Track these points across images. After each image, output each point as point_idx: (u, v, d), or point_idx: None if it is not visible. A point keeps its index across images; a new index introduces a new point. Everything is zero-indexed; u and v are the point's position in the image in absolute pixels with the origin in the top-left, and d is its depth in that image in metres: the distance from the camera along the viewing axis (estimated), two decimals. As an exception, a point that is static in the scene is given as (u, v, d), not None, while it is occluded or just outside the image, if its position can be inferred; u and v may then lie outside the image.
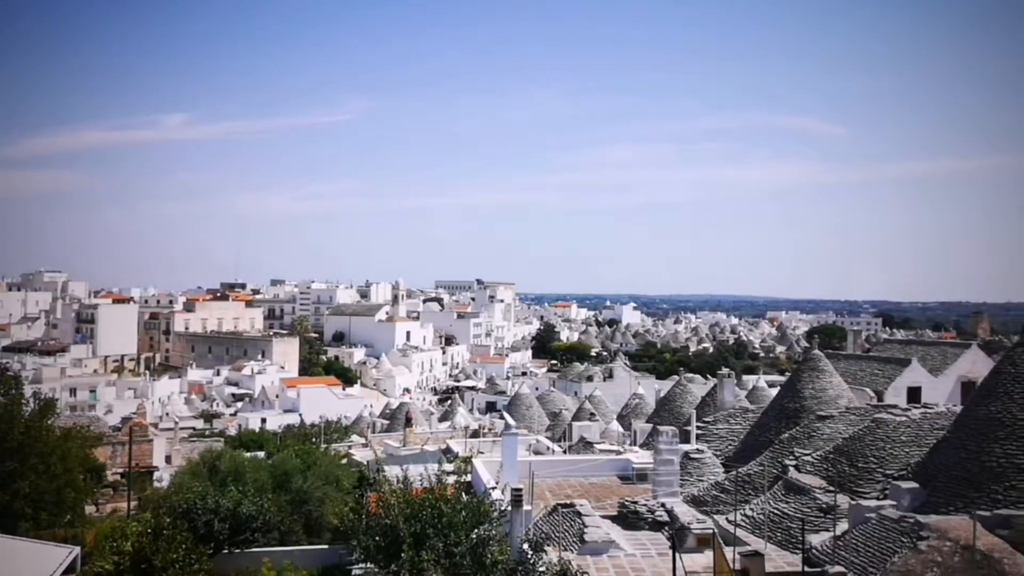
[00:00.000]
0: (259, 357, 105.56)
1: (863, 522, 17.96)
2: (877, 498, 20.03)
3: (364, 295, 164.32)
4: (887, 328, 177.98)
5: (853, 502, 19.39)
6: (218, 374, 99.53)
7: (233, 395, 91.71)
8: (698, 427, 32.84)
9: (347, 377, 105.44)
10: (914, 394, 37.86)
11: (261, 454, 35.42)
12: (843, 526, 18.69)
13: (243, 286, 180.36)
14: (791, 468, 22.98)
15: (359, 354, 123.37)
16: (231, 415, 79.67)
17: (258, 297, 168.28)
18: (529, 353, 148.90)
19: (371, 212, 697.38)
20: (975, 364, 39.99)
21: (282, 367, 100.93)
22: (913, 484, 19.47)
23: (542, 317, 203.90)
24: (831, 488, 20.74)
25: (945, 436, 20.62)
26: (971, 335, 64.16)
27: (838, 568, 16.12)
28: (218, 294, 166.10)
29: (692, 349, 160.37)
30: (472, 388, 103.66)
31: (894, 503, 18.83)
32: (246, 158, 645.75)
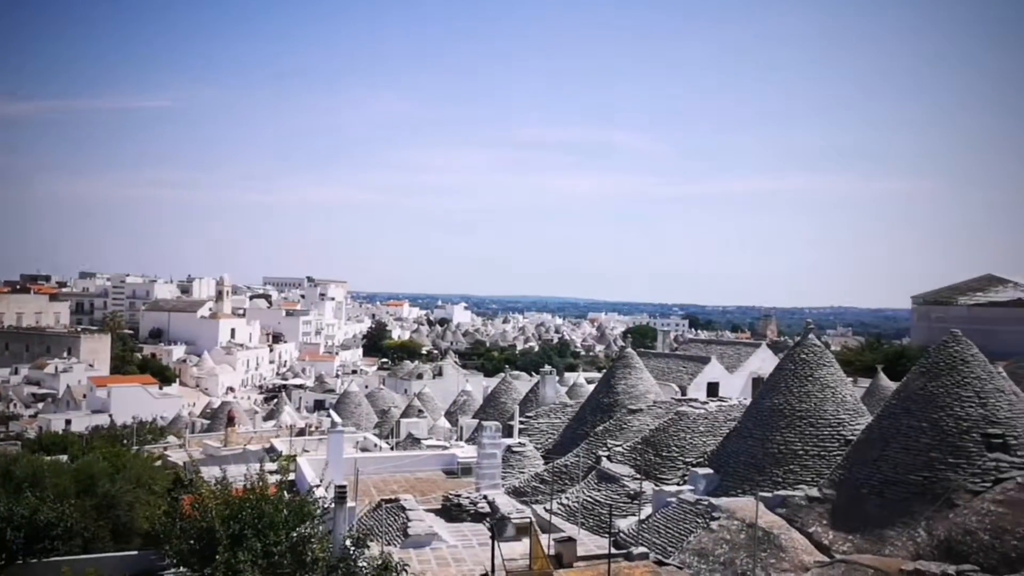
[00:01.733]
0: (65, 355, 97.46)
1: (665, 506, 19.26)
2: (678, 484, 21.51)
3: (185, 291, 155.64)
4: (693, 329, 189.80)
5: (657, 488, 20.72)
6: (16, 372, 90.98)
7: (34, 395, 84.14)
8: (521, 422, 33.75)
9: (164, 376, 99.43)
10: (713, 389, 40.82)
11: (64, 458, 32.80)
12: (648, 510, 19.93)
13: (47, 278, 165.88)
14: (604, 459, 24.18)
15: (178, 352, 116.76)
16: (31, 416, 73.10)
17: (64, 290, 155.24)
18: (360, 351, 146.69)
19: (194, 205, 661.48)
20: (764, 361, 43.66)
21: (91, 365, 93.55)
22: (708, 470, 21.07)
23: (374, 316, 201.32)
24: (638, 476, 22.04)
25: (736, 426, 22.44)
26: (761, 336, 69.87)
27: (641, 549, 17.20)
28: (17, 286, 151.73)
29: (519, 348, 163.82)
30: (300, 386, 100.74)
31: (692, 488, 20.32)
32: (52, 140, 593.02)
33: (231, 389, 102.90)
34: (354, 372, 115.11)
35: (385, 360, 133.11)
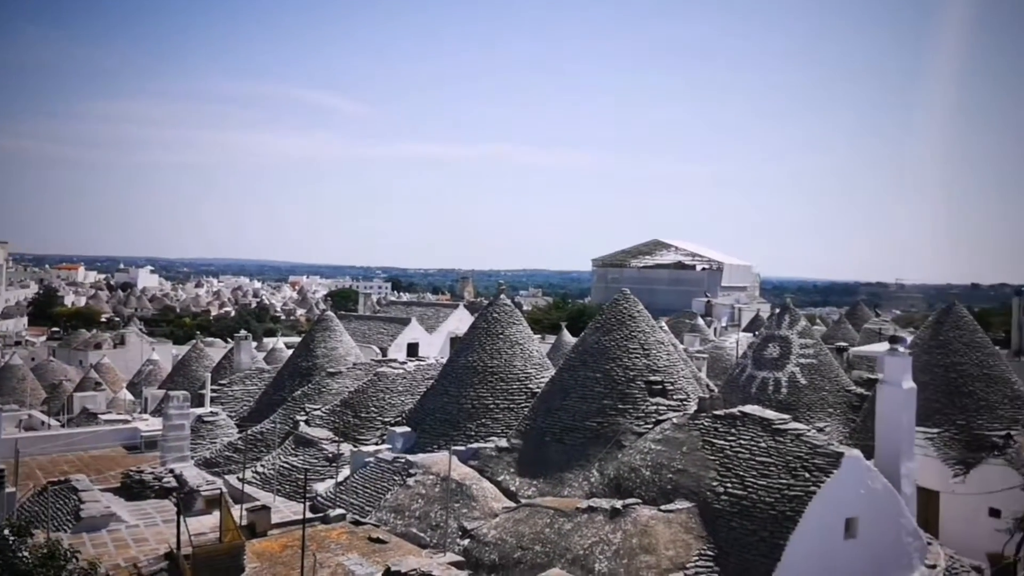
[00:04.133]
0: None
1: (363, 466, 19.22)
2: (377, 444, 21.59)
3: None
4: (395, 292, 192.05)
5: (355, 449, 20.62)
6: None
7: None
8: (213, 390, 31.82)
9: None
10: (413, 349, 41.59)
11: None
12: (347, 472, 19.77)
13: None
14: (302, 423, 23.57)
15: None
16: None
17: None
18: (25, 320, 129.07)
19: None
20: (461, 321, 45.35)
21: None
22: (406, 428, 21.38)
23: (42, 280, 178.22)
24: (336, 438, 21.77)
25: (433, 384, 23.00)
26: (460, 297, 72.65)
27: (339, 510, 17.00)
28: None
29: (213, 313, 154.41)
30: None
31: (390, 447, 20.50)
32: None
33: None
34: (17, 343, 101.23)
35: (56, 329, 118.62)
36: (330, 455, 20.93)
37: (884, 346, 20.13)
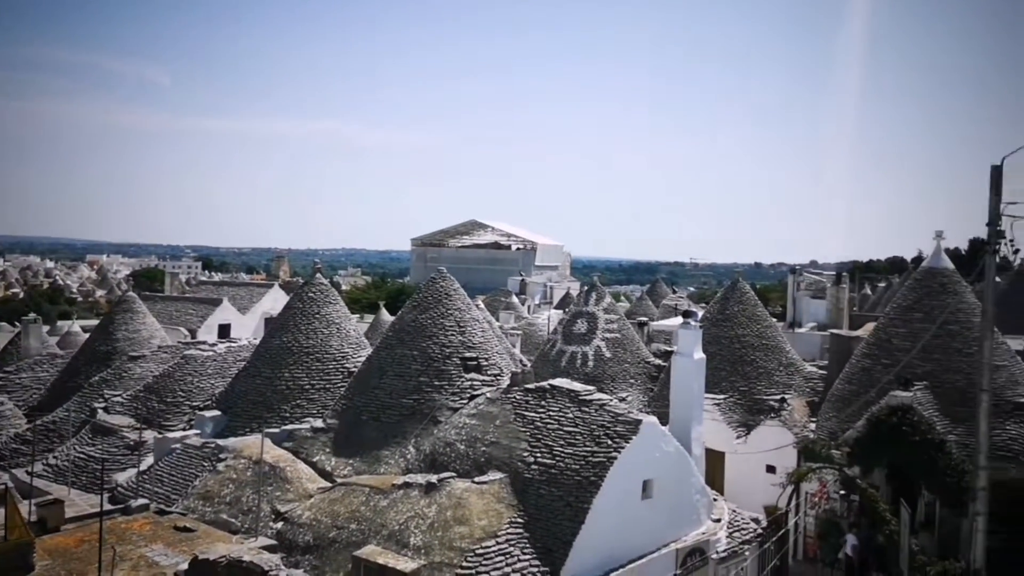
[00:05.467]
0: None
1: (169, 453, 18.16)
2: (184, 429, 20.44)
3: None
4: (206, 271, 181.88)
5: (160, 436, 19.42)
6: None
7: None
8: (-3, 378, 28.79)
9: None
10: (224, 330, 39.64)
11: None
12: (151, 460, 18.59)
13: None
14: (100, 411, 21.88)
15: None
16: None
17: None
18: None
19: None
20: (276, 301, 43.72)
21: None
22: (216, 412, 20.40)
23: None
24: (139, 425, 20.40)
25: (245, 366, 22.07)
26: (275, 277, 70.07)
27: (142, 500, 15.97)
28: None
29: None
30: None
31: (198, 432, 19.48)
32: None
33: None
34: None
35: None
36: (132, 443, 19.58)
37: (679, 320, 21.54)
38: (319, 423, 18.96)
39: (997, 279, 21.51)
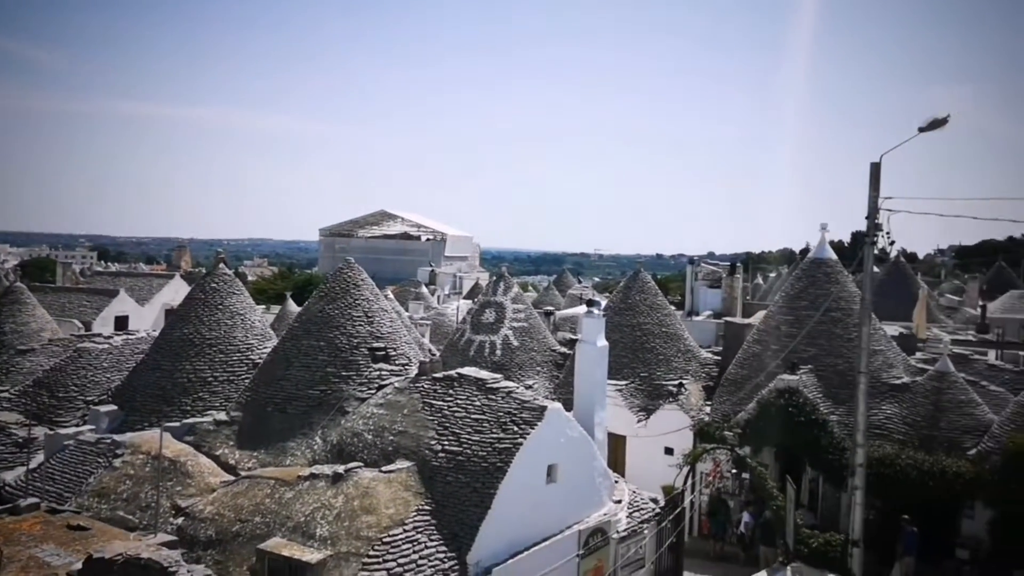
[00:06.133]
0: None
1: (61, 450, 17.28)
2: (78, 425, 19.48)
3: None
4: (103, 261, 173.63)
5: (51, 432, 18.46)
6: None
7: None
8: None
9: None
10: (122, 322, 37.92)
11: None
12: (41, 458, 17.66)
13: None
14: (-15, 407, 20.61)
15: None
16: None
17: None
18: None
19: None
20: (177, 292, 42.14)
21: None
22: (112, 407, 19.53)
23: None
24: (28, 422, 19.32)
25: (143, 359, 21.21)
26: (176, 267, 67.46)
27: (32, 499, 15.15)
28: None
29: None
30: None
31: (93, 427, 18.61)
32: None
33: None
34: None
35: None
36: (20, 440, 18.54)
37: (583, 309, 21.90)
38: (222, 416, 18.42)
39: (875, 269, 22.76)
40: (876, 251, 17.07)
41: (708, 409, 25.90)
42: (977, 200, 23.93)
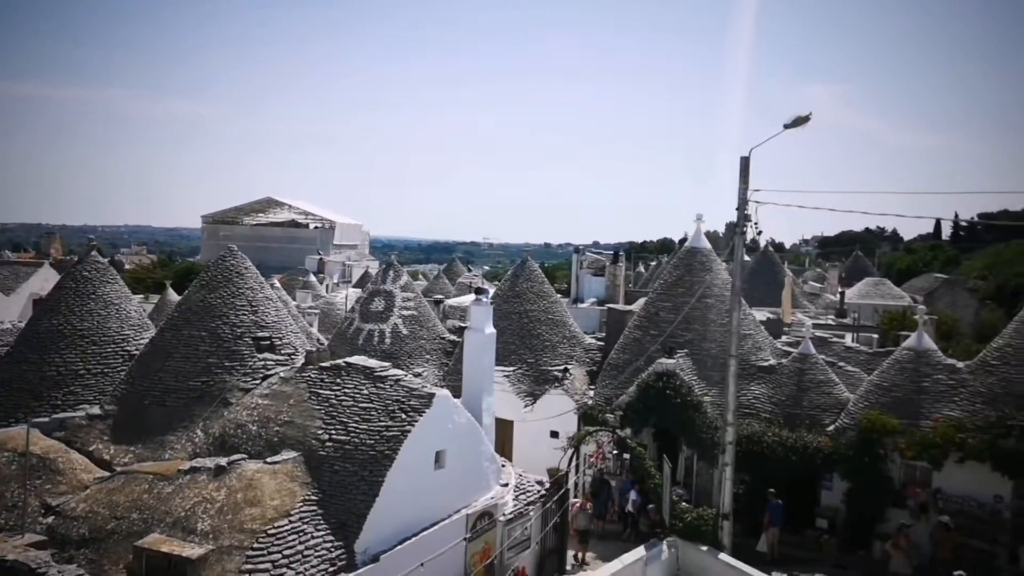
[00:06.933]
0: None
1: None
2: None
3: None
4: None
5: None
6: None
7: None
8: None
9: None
10: (-15, 314, 35.27)
11: None
12: None
13: None
14: None
15: None
16: None
17: None
18: None
19: None
20: (47, 281, 39.54)
21: None
22: (-27, 403, 18.16)
23: None
24: None
25: (8, 351, 19.81)
26: (45, 255, 63.20)
27: None
28: None
29: None
30: None
31: (-49, 425, 17.25)
32: None
33: None
34: None
35: None
36: None
37: (472, 297, 21.98)
38: (96, 410, 17.43)
39: (746, 258, 23.86)
40: (746, 241, 17.92)
41: (592, 393, 26.54)
42: (837, 193, 25.52)
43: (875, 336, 38.70)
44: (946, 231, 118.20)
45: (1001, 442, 19.70)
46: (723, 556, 16.52)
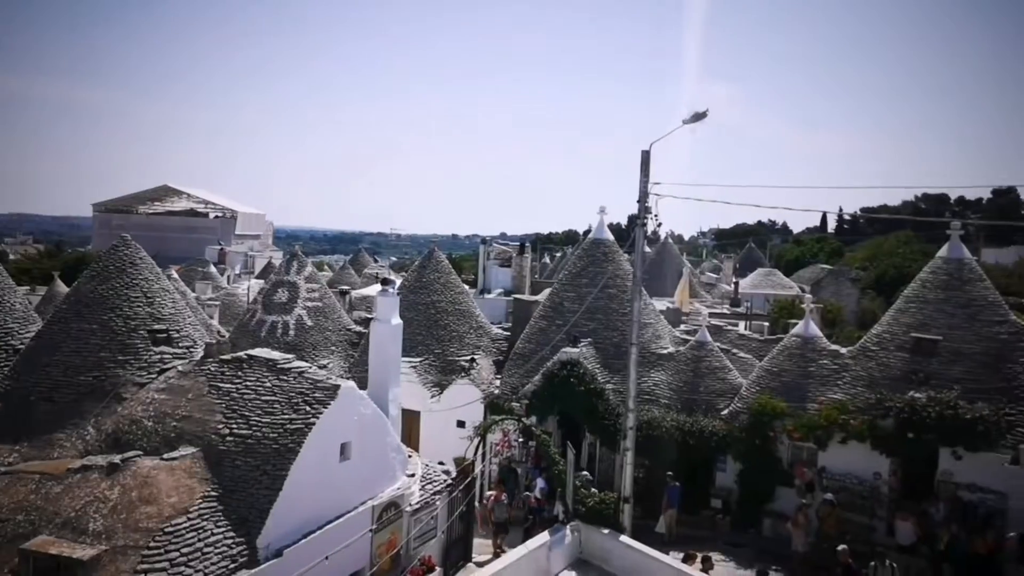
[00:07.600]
0: None
1: None
2: None
3: None
4: None
5: None
6: None
7: None
8: None
9: None
10: None
11: None
12: None
13: None
14: None
15: None
16: None
17: None
18: None
19: None
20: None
21: None
22: None
23: None
24: None
25: None
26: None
27: None
28: None
29: None
30: None
31: None
32: None
33: None
34: None
35: None
36: None
37: (378, 288, 21.70)
38: (-25, 408, 16.35)
39: (647, 249, 24.45)
40: (647, 233, 18.35)
41: (498, 382, 26.70)
42: (732, 188, 26.45)
43: (766, 324, 40.43)
44: (831, 224, 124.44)
45: (880, 423, 20.92)
46: (624, 538, 16.91)
